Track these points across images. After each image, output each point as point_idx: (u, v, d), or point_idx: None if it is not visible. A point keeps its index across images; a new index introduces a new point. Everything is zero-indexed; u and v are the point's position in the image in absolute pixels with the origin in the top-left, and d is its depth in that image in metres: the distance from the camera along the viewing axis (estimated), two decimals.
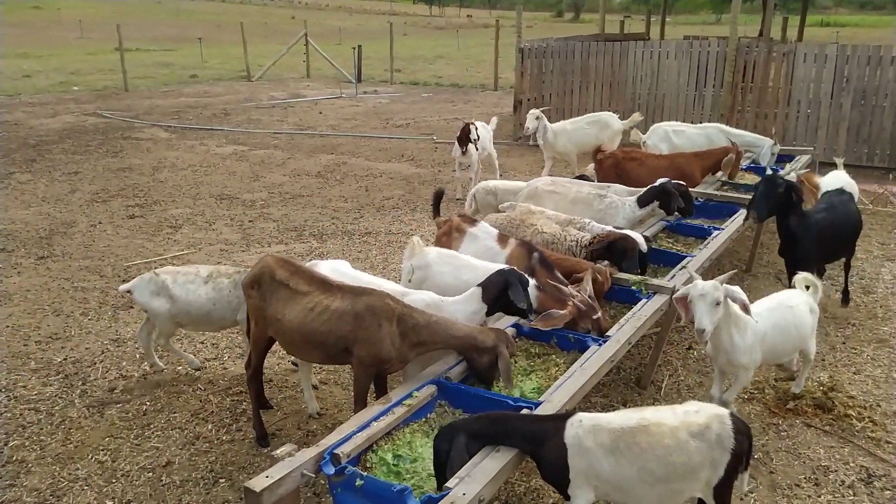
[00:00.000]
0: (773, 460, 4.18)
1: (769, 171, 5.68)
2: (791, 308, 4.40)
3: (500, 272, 4.04)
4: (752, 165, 8.10)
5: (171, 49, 36.15)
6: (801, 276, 4.65)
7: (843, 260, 6.12)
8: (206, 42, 33.45)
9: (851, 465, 4.15)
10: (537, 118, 9.62)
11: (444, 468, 2.93)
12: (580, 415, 2.99)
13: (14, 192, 10.07)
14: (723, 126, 9.00)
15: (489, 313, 4.04)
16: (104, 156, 12.40)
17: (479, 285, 4.01)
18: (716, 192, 7.02)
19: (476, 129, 9.24)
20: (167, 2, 70.48)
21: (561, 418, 3.03)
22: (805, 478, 4.03)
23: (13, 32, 41.59)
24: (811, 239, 5.35)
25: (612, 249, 4.93)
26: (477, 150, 9.45)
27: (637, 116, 9.87)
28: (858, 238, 5.97)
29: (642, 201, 5.91)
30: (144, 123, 15.56)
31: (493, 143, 10.23)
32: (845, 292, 6.27)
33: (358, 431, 3.15)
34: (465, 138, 9.10)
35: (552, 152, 9.97)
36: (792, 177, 6.97)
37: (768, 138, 8.52)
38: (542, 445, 2.98)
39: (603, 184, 6.53)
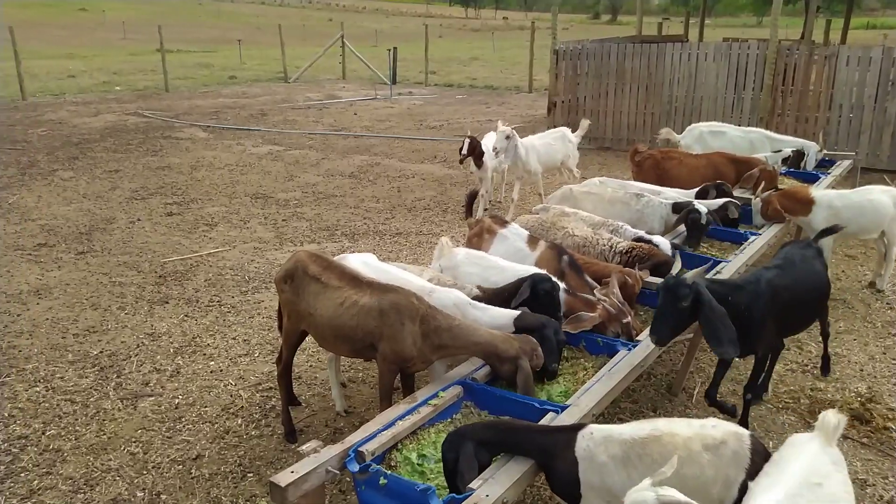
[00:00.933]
0: None
1: (669, 280, 3.78)
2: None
3: (551, 323, 3.80)
4: (791, 170, 7.94)
5: (211, 51, 36.83)
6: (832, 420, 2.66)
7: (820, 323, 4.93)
8: (245, 44, 33.97)
9: (891, 479, 4.02)
10: (508, 137, 8.41)
11: (453, 475, 2.89)
12: (591, 427, 2.90)
13: (56, 188, 10.34)
14: (769, 132, 8.80)
15: None
16: (144, 154, 12.66)
17: (520, 312, 3.92)
18: (752, 197, 6.90)
19: (469, 142, 8.63)
20: (208, 4, 71.85)
21: (572, 430, 2.94)
22: None
23: (61, 34, 42.83)
24: (760, 310, 3.92)
25: (656, 273, 4.84)
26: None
27: (585, 123, 9.40)
28: (827, 301, 4.79)
29: (675, 209, 5.91)
30: (184, 123, 15.86)
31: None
32: (825, 359, 5.13)
33: (383, 430, 3.16)
34: (472, 152, 8.75)
35: (522, 171, 8.85)
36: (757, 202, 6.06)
37: (814, 143, 8.33)
38: (552, 458, 2.91)
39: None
